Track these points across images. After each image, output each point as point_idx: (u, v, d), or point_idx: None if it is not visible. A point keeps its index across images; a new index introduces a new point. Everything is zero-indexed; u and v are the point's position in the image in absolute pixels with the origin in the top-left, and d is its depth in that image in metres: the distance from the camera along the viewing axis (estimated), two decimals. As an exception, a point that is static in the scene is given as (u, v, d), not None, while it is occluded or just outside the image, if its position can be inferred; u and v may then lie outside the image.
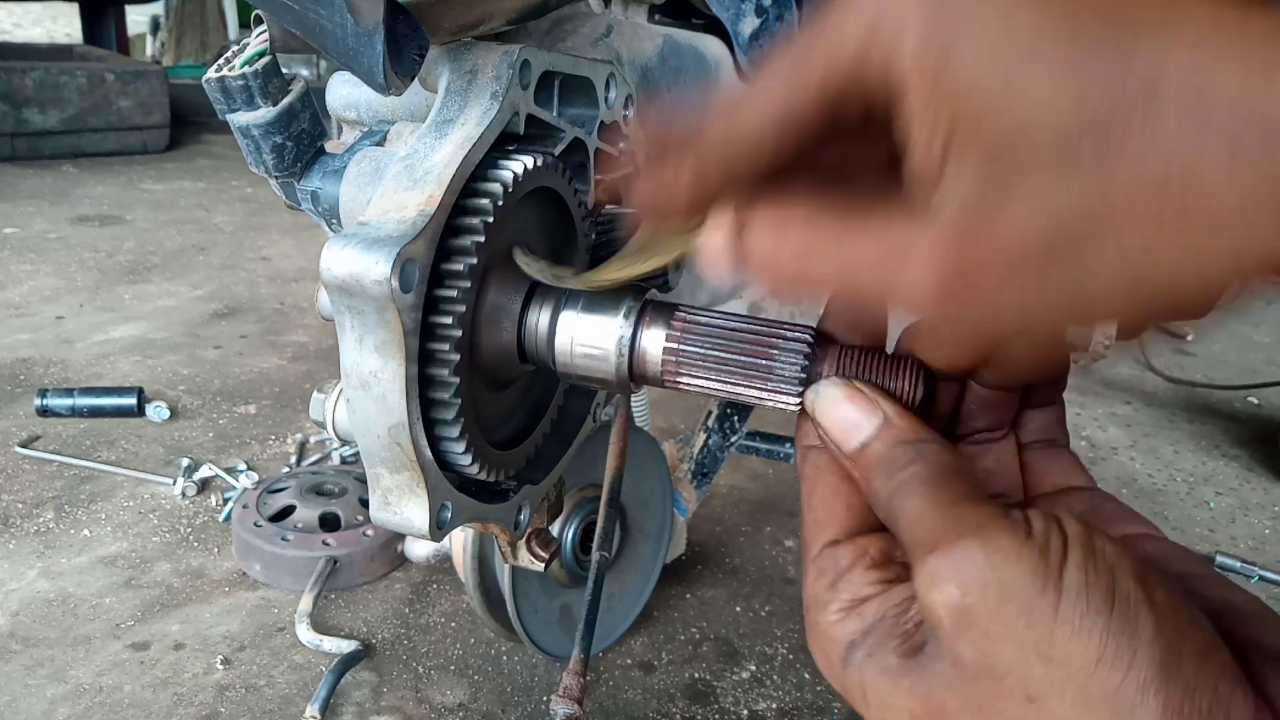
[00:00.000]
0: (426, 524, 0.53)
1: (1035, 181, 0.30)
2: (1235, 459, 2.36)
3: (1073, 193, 0.30)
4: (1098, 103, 0.29)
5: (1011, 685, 0.34)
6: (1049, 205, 0.30)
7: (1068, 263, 0.31)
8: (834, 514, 0.44)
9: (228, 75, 0.58)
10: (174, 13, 7.56)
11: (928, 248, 0.33)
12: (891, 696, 0.38)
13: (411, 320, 0.48)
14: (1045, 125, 0.30)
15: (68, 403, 2.15)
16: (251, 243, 3.67)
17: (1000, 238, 0.31)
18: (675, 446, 1.61)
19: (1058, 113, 0.30)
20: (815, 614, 0.42)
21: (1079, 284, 0.31)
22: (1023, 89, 0.30)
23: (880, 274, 0.35)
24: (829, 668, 0.42)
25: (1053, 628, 0.34)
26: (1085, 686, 0.33)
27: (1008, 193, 0.31)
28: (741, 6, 0.87)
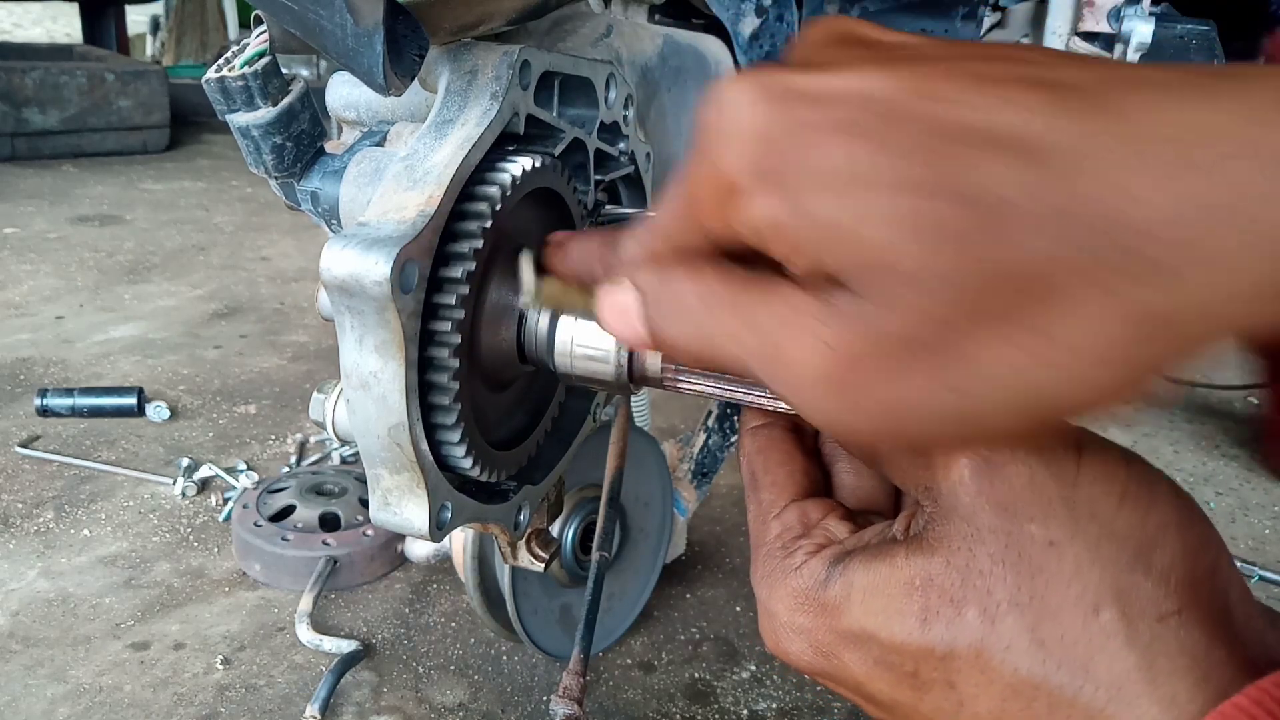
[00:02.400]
0: (426, 524, 0.53)
1: (892, 291, 0.31)
2: (1235, 459, 2.36)
3: (929, 299, 0.31)
4: (938, 219, 0.30)
5: (1032, 533, 0.35)
6: (909, 310, 0.31)
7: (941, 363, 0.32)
8: (793, 477, 0.46)
9: (228, 75, 0.58)
10: (174, 13, 7.56)
11: (811, 326, 0.34)
12: (886, 574, 0.38)
13: (411, 321, 0.48)
14: (889, 248, 0.31)
15: (68, 403, 2.15)
16: (251, 243, 3.67)
17: (872, 331, 0.32)
18: (675, 446, 1.61)
19: (899, 233, 0.31)
20: (782, 559, 0.42)
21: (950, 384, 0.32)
22: (859, 219, 0.31)
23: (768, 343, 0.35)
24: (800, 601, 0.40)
25: (1077, 476, 0.35)
26: (1110, 523, 0.35)
27: (873, 302, 0.32)
28: (741, 6, 0.87)
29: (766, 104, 0.34)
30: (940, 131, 0.31)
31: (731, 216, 0.35)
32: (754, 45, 0.89)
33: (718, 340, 0.37)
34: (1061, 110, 0.30)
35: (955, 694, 0.36)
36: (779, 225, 0.34)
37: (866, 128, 0.32)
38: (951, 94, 0.31)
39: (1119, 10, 1.10)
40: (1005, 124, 0.30)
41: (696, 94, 0.85)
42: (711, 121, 0.35)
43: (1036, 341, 0.30)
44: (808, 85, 0.33)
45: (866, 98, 0.32)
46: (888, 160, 0.31)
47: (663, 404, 2.35)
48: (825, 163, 0.32)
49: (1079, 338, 0.30)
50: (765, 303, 0.36)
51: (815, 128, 0.33)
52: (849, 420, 0.34)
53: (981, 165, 0.30)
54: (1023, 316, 0.30)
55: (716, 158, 0.35)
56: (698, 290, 0.38)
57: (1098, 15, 1.11)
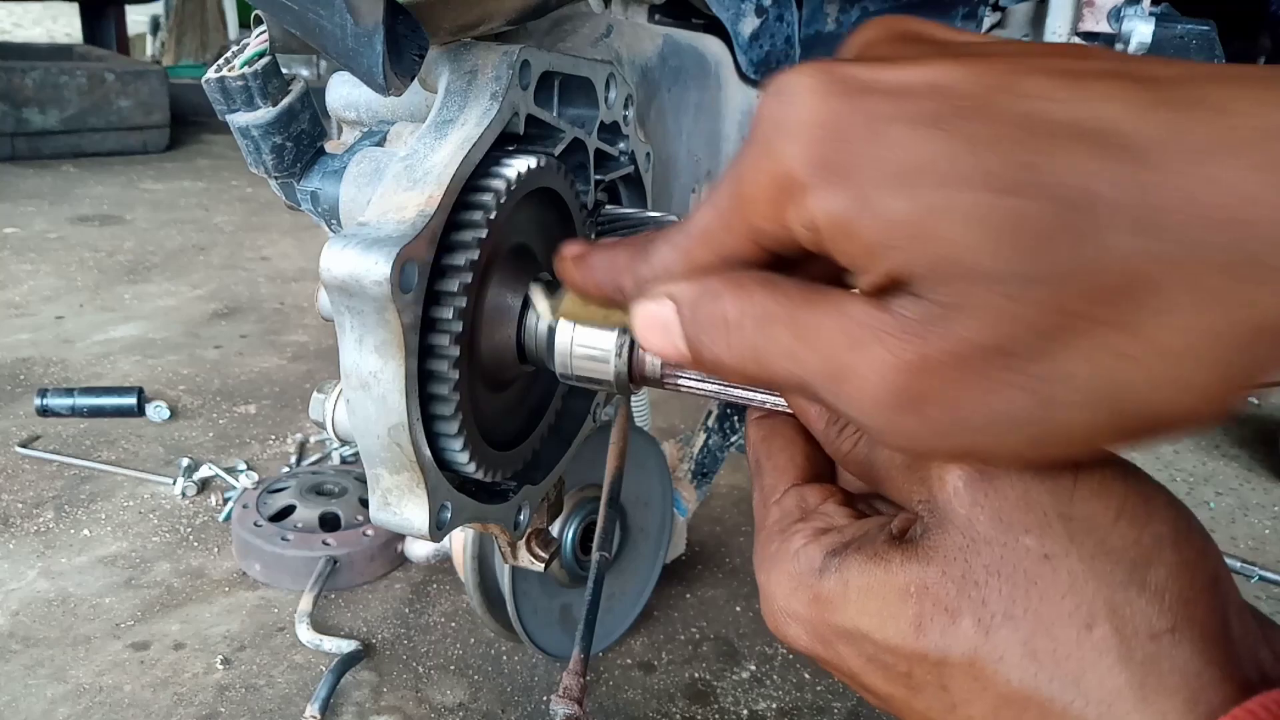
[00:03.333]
0: (426, 524, 0.53)
1: (980, 294, 0.30)
2: (1235, 459, 2.36)
3: (1022, 304, 0.29)
4: (1031, 217, 0.29)
5: (1027, 546, 0.35)
6: (999, 314, 0.29)
7: (1029, 372, 0.30)
8: (794, 461, 0.45)
9: (228, 75, 0.57)
10: (174, 13, 7.56)
11: (883, 341, 0.32)
12: (881, 577, 0.37)
13: (411, 321, 0.48)
14: (977, 248, 0.29)
15: (68, 403, 2.15)
16: (251, 243, 3.67)
17: (954, 340, 0.30)
18: (675, 446, 1.61)
19: (989, 233, 0.29)
20: (781, 543, 0.41)
21: (1044, 396, 0.30)
22: (943, 217, 0.30)
23: (833, 361, 0.33)
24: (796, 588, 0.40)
25: (1073, 490, 0.35)
26: (1105, 539, 0.34)
27: (956, 308, 0.30)
28: (741, 6, 0.87)
29: (834, 94, 0.32)
30: (1025, 125, 0.29)
31: (789, 214, 0.33)
32: (754, 45, 0.89)
33: (772, 360, 0.35)
34: (1153, 103, 0.28)
35: (948, 696, 0.36)
36: (845, 223, 0.31)
37: (944, 120, 0.30)
38: (1034, 88, 0.30)
39: (1119, 10, 1.10)
40: (1095, 118, 0.29)
41: (696, 94, 0.85)
42: (771, 112, 0.33)
43: (1131, 344, 0.29)
44: (878, 77, 0.32)
45: (943, 90, 0.30)
46: (969, 154, 0.29)
47: (663, 404, 2.35)
48: (899, 156, 0.30)
49: (1178, 340, 0.28)
50: (825, 316, 0.33)
51: (888, 119, 0.31)
52: (925, 440, 0.33)
53: (1071, 160, 0.29)
54: (1117, 318, 0.29)
55: (776, 149, 0.33)
56: (747, 305, 0.35)
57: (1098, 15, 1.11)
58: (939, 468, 0.37)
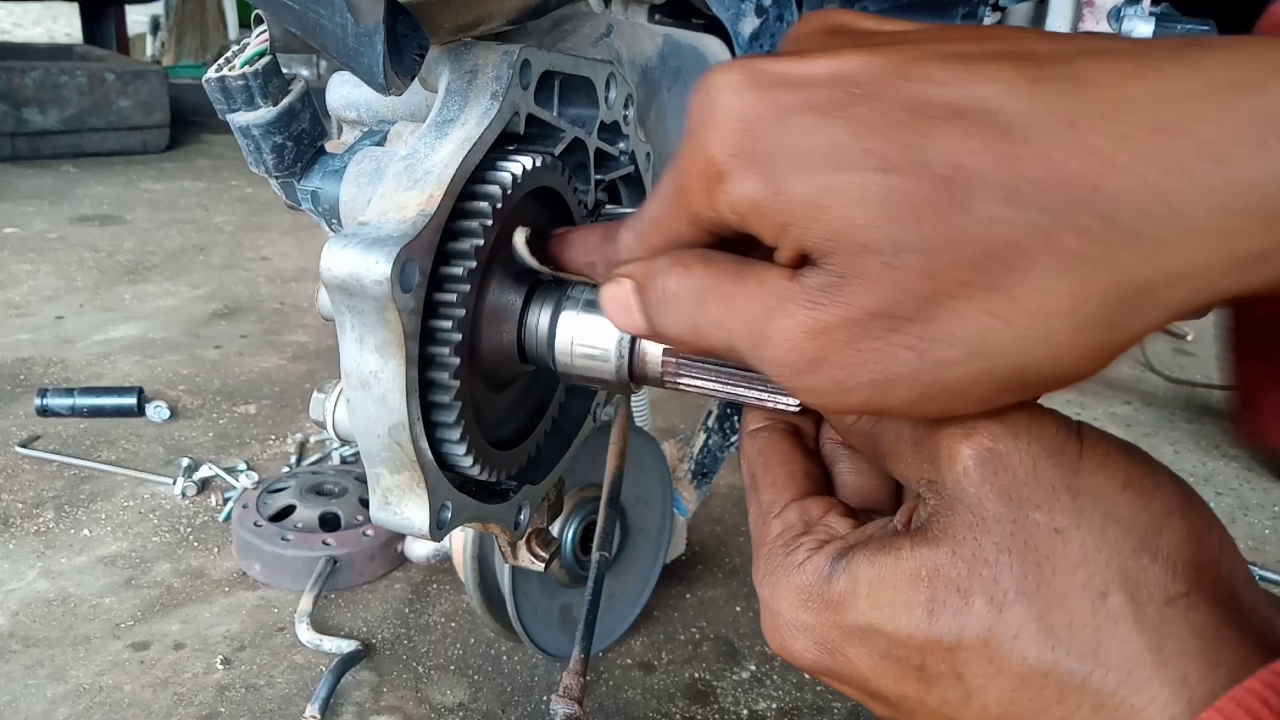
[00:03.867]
0: (426, 524, 0.53)
1: (863, 263, 0.33)
2: (1235, 459, 2.36)
3: (900, 271, 0.32)
4: (905, 192, 0.32)
5: (1037, 521, 0.35)
6: (880, 281, 0.33)
7: (911, 333, 0.33)
8: (793, 476, 0.46)
9: (228, 75, 0.57)
10: (174, 13, 7.55)
11: (789, 309, 0.35)
12: (891, 566, 0.37)
13: (412, 320, 0.48)
14: (858, 222, 0.33)
15: (68, 402, 2.15)
16: (251, 243, 3.67)
17: (843, 306, 0.34)
18: (675, 446, 1.61)
19: (868, 208, 0.32)
20: (784, 556, 0.42)
21: (926, 355, 0.33)
22: (830, 195, 0.33)
23: (751, 328, 0.37)
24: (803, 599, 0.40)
25: (1079, 464, 0.36)
26: (1114, 509, 0.35)
27: (844, 277, 0.34)
28: (741, 6, 0.87)
29: (749, 89, 0.35)
30: (909, 108, 0.32)
31: (717, 200, 0.37)
32: (754, 45, 0.89)
33: (707, 329, 0.39)
34: (1028, 80, 0.31)
35: (963, 685, 0.36)
36: (759, 205, 0.35)
37: (839, 108, 0.33)
38: (920, 72, 0.32)
39: (1119, 10, 1.10)
40: (972, 98, 0.31)
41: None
42: (698, 107, 0.37)
43: (1007, 307, 0.31)
44: (789, 70, 0.35)
45: (840, 79, 0.34)
46: (856, 138, 0.33)
47: (663, 404, 2.35)
48: (801, 143, 0.34)
49: (1045, 302, 0.31)
50: (747, 288, 0.37)
51: (793, 109, 0.34)
52: (837, 398, 0.36)
53: (947, 139, 0.31)
54: (987, 282, 0.31)
55: (703, 143, 0.36)
56: (686, 281, 0.40)
57: (1098, 15, 1.11)
58: (948, 447, 0.37)
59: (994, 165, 0.30)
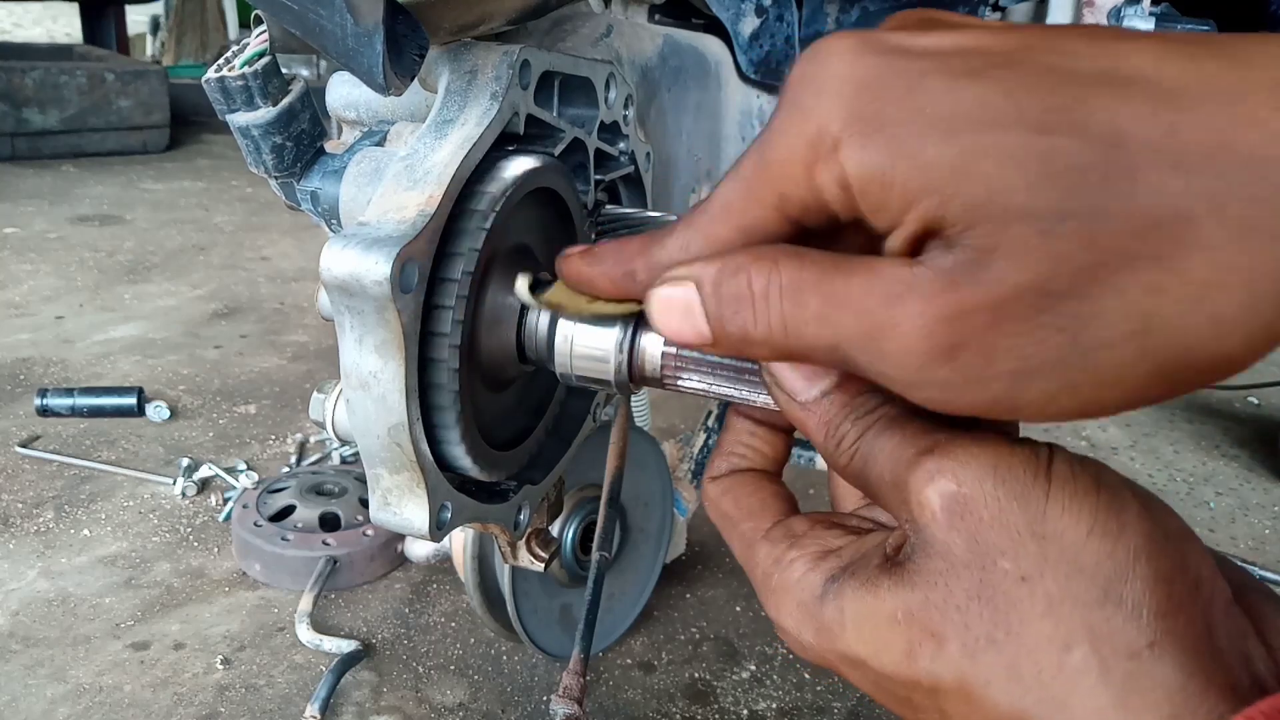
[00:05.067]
0: (426, 524, 0.53)
1: (1015, 234, 0.30)
2: (1235, 459, 2.36)
3: (1058, 240, 0.29)
4: (1064, 160, 0.29)
5: (1004, 569, 0.34)
6: (1035, 253, 0.30)
7: (1064, 313, 0.30)
8: (766, 503, 0.45)
9: (228, 75, 0.58)
10: (174, 13, 7.56)
11: (920, 293, 0.32)
12: (872, 605, 0.37)
13: (411, 320, 0.48)
14: (1015, 185, 0.30)
15: (68, 402, 2.15)
16: (251, 243, 3.67)
17: (988, 284, 0.30)
18: (675, 446, 1.61)
19: (1026, 170, 0.29)
20: (779, 574, 0.41)
21: (1079, 337, 0.30)
22: (980, 157, 0.30)
23: (868, 320, 0.33)
24: (802, 618, 0.40)
25: (1045, 507, 0.34)
26: (1078, 557, 0.34)
27: (991, 251, 0.30)
28: (741, 6, 0.87)
29: (871, 53, 0.32)
30: (1057, 73, 0.30)
31: (820, 174, 0.33)
32: (754, 45, 0.89)
33: (802, 326, 0.34)
34: (1178, 54, 0.29)
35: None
36: (880, 173, 0.31)
37: (979, 71, 0.30)
38: (1063, 46, 0.30)
39: (1119, 10, 1.10)
40: (1123, 67, 0.29)
41: (696, 94, 0.85)
42: (805, 71, 0.33)
43: (1166, 278, 0.29)
44: (912, 41, 0.32)
45: (972, 50, 0.31)
46: (1004, 98, 0.30)
47: (663, 404, 2.35)
48: (936, 105, 0.30)
49: (1213, 274, 0.29)
50: (857, 278, 0.33)
51: (925, 73, 0.31)
52: (965, 393, 0.33)
53: (1108, 101, 0.29)
54: (1152, 252, 0.29)
55: (809, 107, 0.33)
56: (775, 275, 0.35)
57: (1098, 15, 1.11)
58: (917, 491, 0.36)
59: (1160, 131, 0.28)
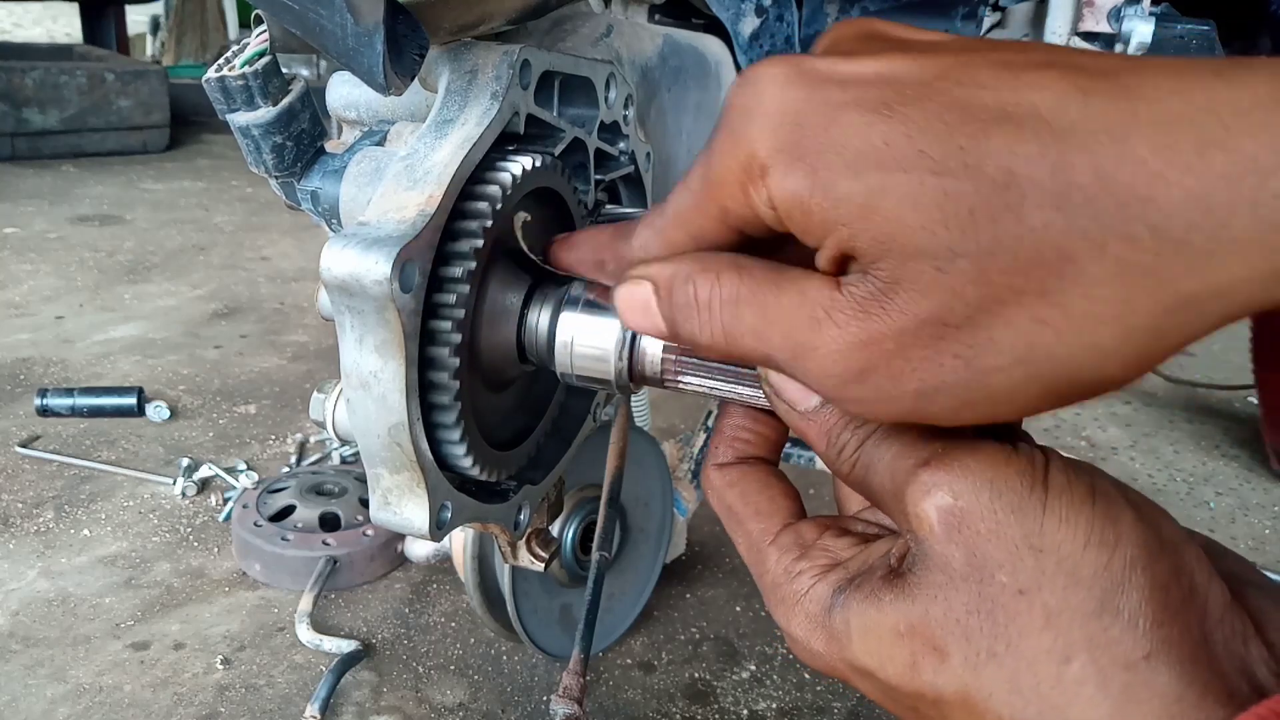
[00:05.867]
0: (426, 524, 0.53)
1: (914, 269, 0.32)
2: (1235, 459, 2.36)
3: (952, 276, 0.32)
4: (959, 197, 0.31)
5: (1002, 582, 0.35)
6: (932, 288, 0.32)
7: (959, 341, 0.32)
8: (775, 502, 0.46)
9: (228, 75, 0.57)
10: (174, 13, 7.56)
11: (835, 321, 0.34)
12: (875, 618, 0.38)
13: (411, 320, 0.48)
14: (912, 225, 0.32)
15: (68, 402, 2.15)
16: (251, 243, 3.67)
17: (893, 315, 0.33)
18: (675, 446, 1.61)
19: (922, 211, 0.32)
20: (788, 585, 0.42)
21: (973, 363, 0.32)
22: (883, 197, 0.32)
23: (793, 340, 0.36)
24: (811, 629, 0.41)
25: (1042, 520, 0.35)
26: (1075, 569, 0.35)
27: (895, 284, 0.33)
28: (741, 6, 0.87)
29: (795, 84, 0.35)
30: (960, 110, 0.32)
31: (754, 195, 0.36)
32: (754, 45, 0.89)
33: (741, 338, 0.38)
34: (1080, 90, 0.31)
35: None
36: (802, 202, 0.34)
37: (890, 106, 0.33)
38: (973, 78, 0.32)
39: (1119, 10, 1.10)
40: (1024, 103, 0.31)
41: (697, 94, 0.85)
42: (740, 100, 0.36)
43: (1050, 312, 0.31)
44: (836, 67, 0.34)
45: (892, 79, 0.33)
46: (908, 138, 0.32)
47: (663, 404, 2.35)
48: (850, 141, 0.33)
49: (1093, 309, 0.30)
50: (786, 296, 0.36)
51: (842, 106, 0.33)
52: (878, 407, 0.35)
53: (1001, 142, 0.31)
54: (1037, 288, 0.31)
55: (744, 135, 0.36)
56: (716, 287, 0.38)
57: (1098, 15, 1.11)
58: (914, 504, 0.37)
59: (1047, 171, 0.30)
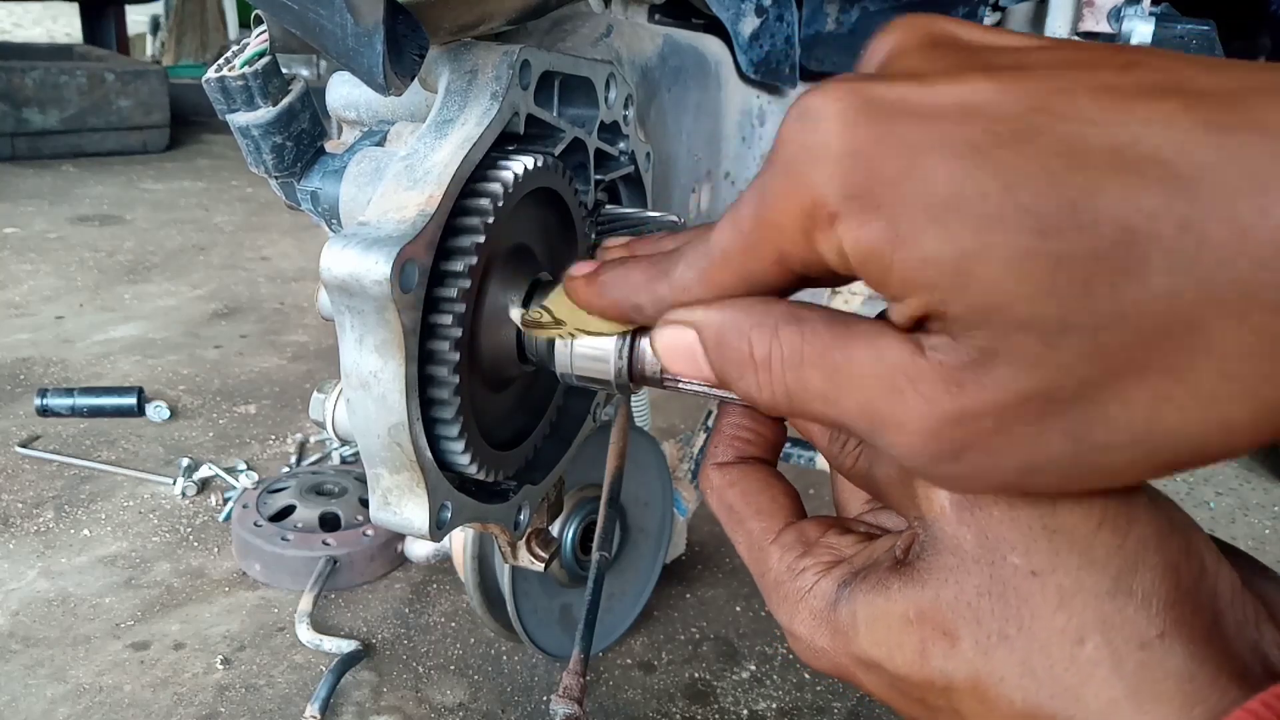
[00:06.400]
0: (426, 524, 0.53)
1: (1018, 342, 0.29)
2: (1235, 459, 2.37)
3: (1063, 351, 0.28)
4: (1071, 263, 0.27)
5: (1015, 564, 0.35)
6: (1038, 363, 0.29)
7: (1069, 418, 0.29)
8: (776, 501, 0.45)
9: (228, 75, 0.57)
10: (174, 13, 7.56)
11: (923, 393, 0.31)
12: (884, 607, 0.37)
13: (411, 320, 0.48)
14: (1015, 295, 0.28)
15: (68, 402, 2.15)
16: (251, 243, 3.67)
17: (992, 390, 0.29)
18: (675, 446, 1.61)
19: (1028, 280, 0.28)
20: (792, 582, 0.42)
21: (1084, 441, 0.30)
22: (980, 261, 0.28)
23: (871, 410, 0.32)
24: (816, 624, 0.40)
25: (1055, 501, 0.35)
26: (1089, 550, 0.34)
27: (993, 355, 0.29)
28: (741, 6, 0.87)
29: (863, 119, 0.30)
30: (1065, 154, 0.28)
31: (819, 241, 0.32)
32: (754, 45, 0.89)
33: (807, 403, 0.34)
34: (1202, 125, 0.27)
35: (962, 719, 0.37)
36: (879, 255, 0.30)
37: (981, 150, 0.28)
38: (1074, 110, 0.28)
39: (1119, 10, 1.10)
40: (1139, 143, 0.27)
41: (697, 94, 0.85)
42: (798, 136, 0.32)
43: (1174, 388, 0.28)
44: (908, 97, 0.30)
45: (979, 112, 0.29)
46: (1006, 191, 0.28)
47: (663, 404, 2.35)
48: (935, 189, 0.29)
49: (1223, 385, 0.27)
50: (858, 359, 0.32)
51: (921, 148, 0.29)
52: (965, 481, 0.33)
53: (1118, 194, 0.27)
54: (1159, 363, 0.28)
55: (805, 177, 0.31)
56: (775, 345, 0.35)
57: (1098, 15, 1.11)
58: (925, 488, 0.37)
59: (1174, 229, 0.26)
